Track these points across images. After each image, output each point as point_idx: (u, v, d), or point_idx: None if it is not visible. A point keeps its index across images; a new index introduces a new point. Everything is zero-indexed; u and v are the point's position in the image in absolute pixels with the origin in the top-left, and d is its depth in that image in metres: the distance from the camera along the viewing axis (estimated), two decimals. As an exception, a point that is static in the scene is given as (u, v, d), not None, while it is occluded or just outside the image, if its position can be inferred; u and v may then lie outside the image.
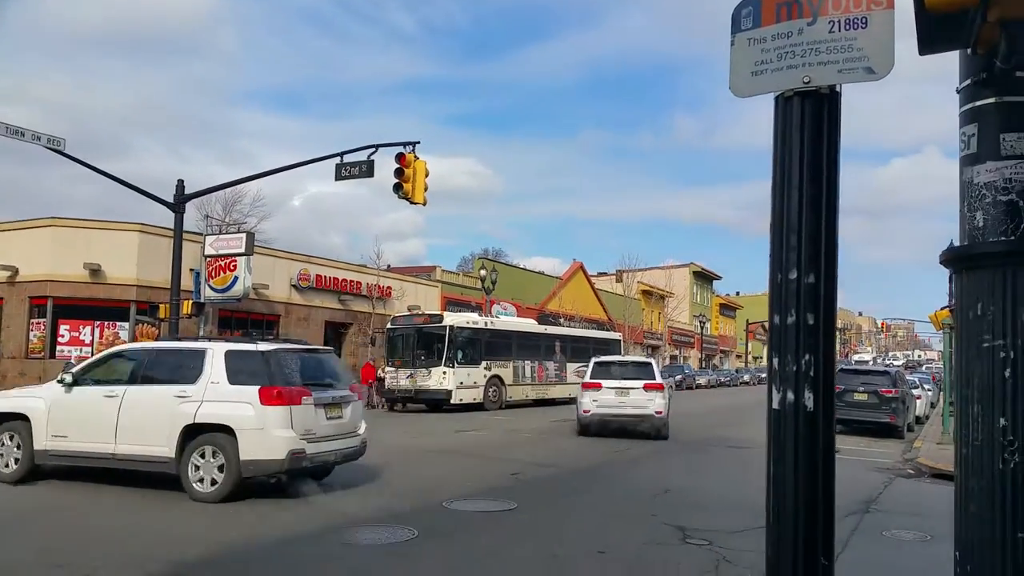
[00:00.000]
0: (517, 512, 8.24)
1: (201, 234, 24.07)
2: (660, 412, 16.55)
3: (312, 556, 6.33)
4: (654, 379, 17.10)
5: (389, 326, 26.02)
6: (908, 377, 25.09)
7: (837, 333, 2.32)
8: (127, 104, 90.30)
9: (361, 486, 9.98)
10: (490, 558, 6.52)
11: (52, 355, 23.66)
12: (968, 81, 2.26)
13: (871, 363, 54.89)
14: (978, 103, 2.22)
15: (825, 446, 2.24)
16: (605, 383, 17.11)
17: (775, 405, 2.28)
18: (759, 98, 2.47)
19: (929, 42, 2.27)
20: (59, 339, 23.90)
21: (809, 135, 2.28)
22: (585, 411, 17.09)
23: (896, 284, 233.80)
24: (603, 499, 9.39)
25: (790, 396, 2.23)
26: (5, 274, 24.19)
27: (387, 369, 25.02)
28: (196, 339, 11.75)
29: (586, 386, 17.47)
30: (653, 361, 19.39)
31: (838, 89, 2.31)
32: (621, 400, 16.76)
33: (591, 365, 18.18)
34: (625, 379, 17.12)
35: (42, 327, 23.87)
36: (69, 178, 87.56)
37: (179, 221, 21.23)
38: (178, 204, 21.28)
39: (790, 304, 2.25)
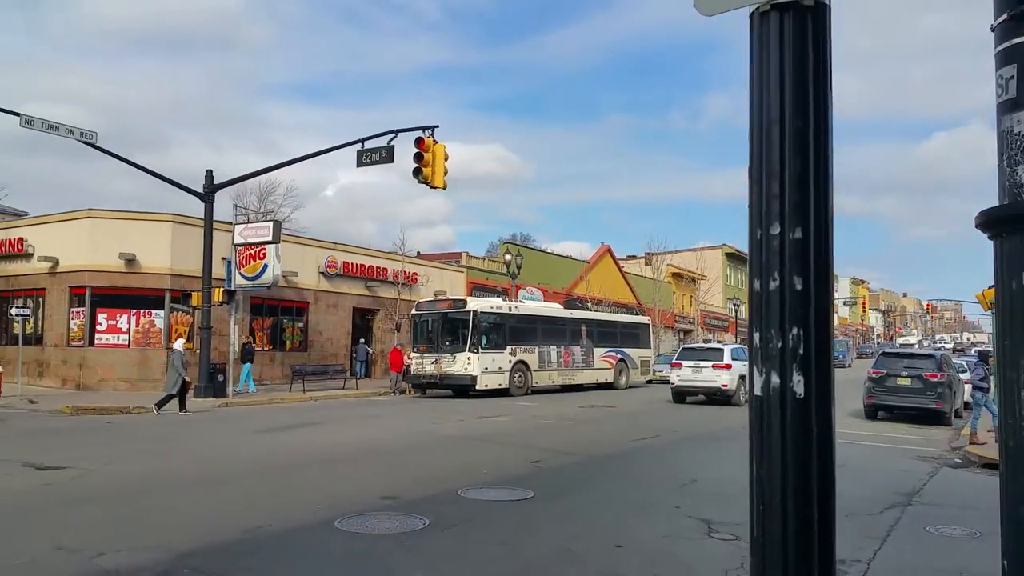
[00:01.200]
0: (534, 502, 8.18)
1: (232, 223, 24.37)
2: (726, 386, 22.12)
3: (317, 545, 6.32)
4: (722, 360, 22.43)
5: (414, 311, 26.11)
6: (955, 361, 24.33)
7: (835, 302, 1.96)
8: (164, 99, 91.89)
9: (378, 471, 10.06)
10: (500, 551, 6.40)
11: (91, 343, 24.26)
12: (1004, 16, 1.90)
13: (916, 346, 53.45)
14: (1017, 40, 1.86)
15: (820, 441, 1.83)
16: (685, 363, 23.10)
17: (757, 391, 1.88)
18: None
19: None
20: (97, 327, 24.47)
21: (792, 56, 1.89)
22: (672, 383, 23.44)
23: (943, 264, 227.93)
24: (626, 489, 9.28)
25: (775, 379, 1.84)
26: (46, 265, 24.83)
27: (412, 355, 25.16)
28: None
29: (673, 365, 24.04)
30: (725, 347, 24.05)
31: (826, 0, 1.94)
32: (695, 375, 22.59)
33: (679, 349, 24.79)
34: (700, 360, 22.83)
35: (81, 316, 24.45)
36: (108, 173, 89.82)
37: (209, 211, 21.57)
38: (207, 194, 21.61)
39: (772, 265, 1.86)
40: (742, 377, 21.92)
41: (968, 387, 23.58)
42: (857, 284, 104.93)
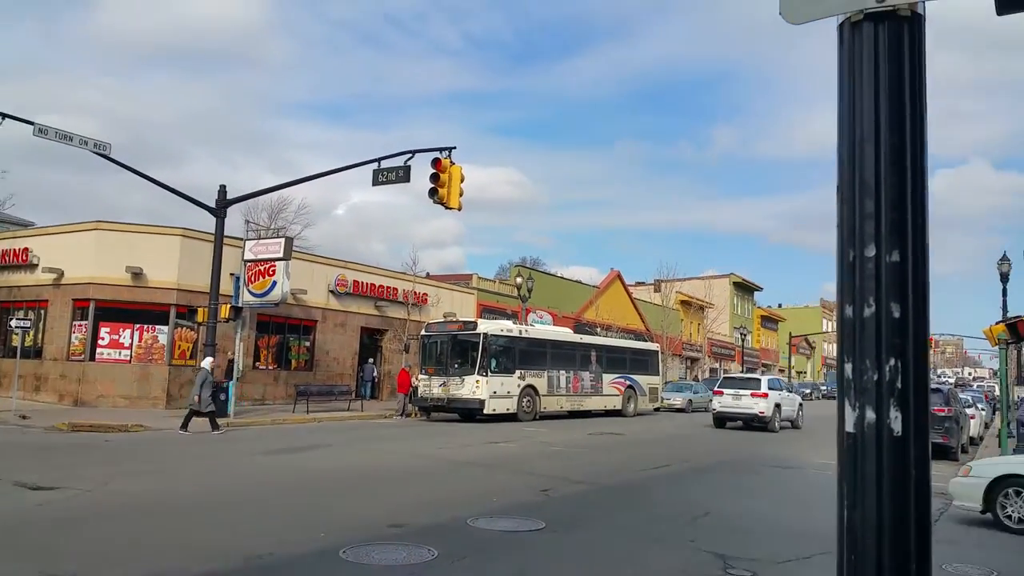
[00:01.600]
0: (544, 532, 7.86)
1: (242, 239, 24.26)
2: (763, 412, 24.27)
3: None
4: (759, 389, 24.80)
5: (423, 333, 25.83)
6: (961, 396, 24.01)
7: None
8: (180, 114, 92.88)
9: (384, 497, 9.74)
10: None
11: (92, 357, 24.00)
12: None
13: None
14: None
15: (918, 484, 1.69)
16: (726, 391, 25.30)
17: (849, 427, 1.73)
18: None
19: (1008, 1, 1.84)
20: (99, 342, 24.22)
21: (888, 69, 1.78)
22: (713, 409, 25.80)
23: (944, 299, 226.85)
24: (638, 521, 8.95)
25: (870, 415, 1.70)
26: (51, 276, 24.69)
27: (420, 377, 24.84)
28: None
29: (715, 392, 26.57)
30: (763, 377, 27.11)
31: (921, 10, 1.84)
32: (735, 403, 24.73)
33: (721, 379, 28.04)
34: (740, 388, 25.14)
35: (84, 329, 24.23)
36: (120, 186, 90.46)
37: (220, 226, 21.45)
38: (219, 209, 21.50)
39: (868, 291, 1.73)
40: (777, 405, 24.90)
41: (973, 422, 23.50)
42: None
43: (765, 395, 24.44)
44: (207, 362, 18.78)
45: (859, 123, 1.81)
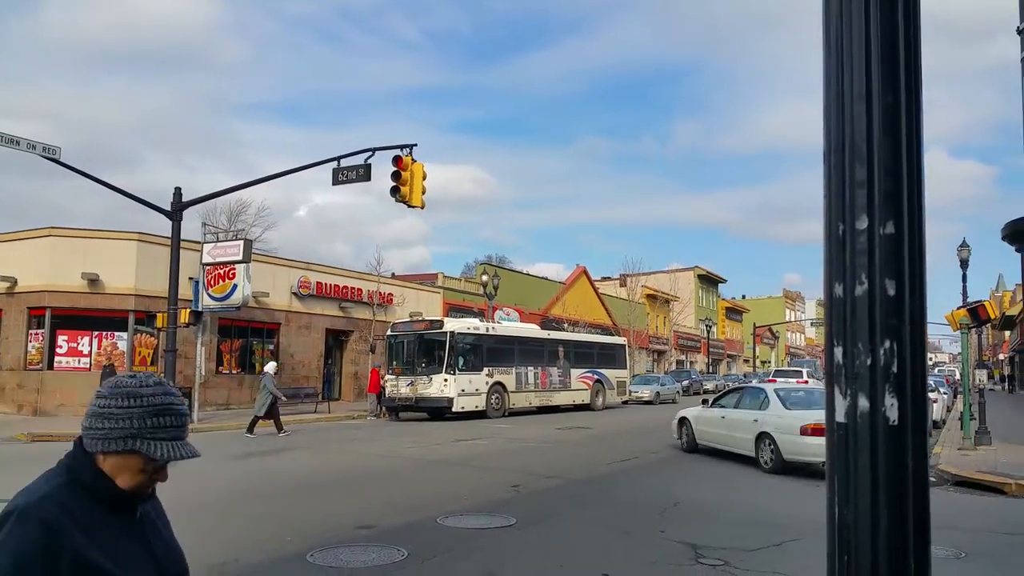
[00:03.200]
0: (516, 528, 7.81)
1: (200, 243, 23.73)
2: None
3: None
4: (802, 377, 29.37)
5: (389, 333, 25.62)
6: None
7: (803, 323, 1.65)
8: (134, 117, 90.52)
9: (352, 499, 9.60)
10: (486, 582, 6.04)
11: (50, 366, 23.34)
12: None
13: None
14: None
15: (916, 478, 1.53)
16: (778, 379, 28.52)
17: (840, 417, 1.57)
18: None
19: None
20: (57, 350, 23.57)
21: (880, 19, 1.59)
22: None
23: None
24: (608, 513, 8.95)
25: (863, 403, 1.54)
26: (3, 285, 23.88)
27: (387, 377, 24.61)
28: None
29: (769, 380, 29.37)
30: (804, 368, 33.38)
31: None
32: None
33: (772, 371, 37.82)
34: (789, 378, 29.13)
35: (40, 338, 23.54)
36: (74, 191, 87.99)
37: (176, 229, 20.93)
38: (175, 212, 20.98)
39: (860, 267, 1.56)
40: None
41: (936, 406, 24.13)
42: (823, 306, 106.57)
43: (806, 382, 28.26)
44: (271, 367, 19.62)
45: (848, 81, 1.62)
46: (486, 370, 24.53)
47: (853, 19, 1.61)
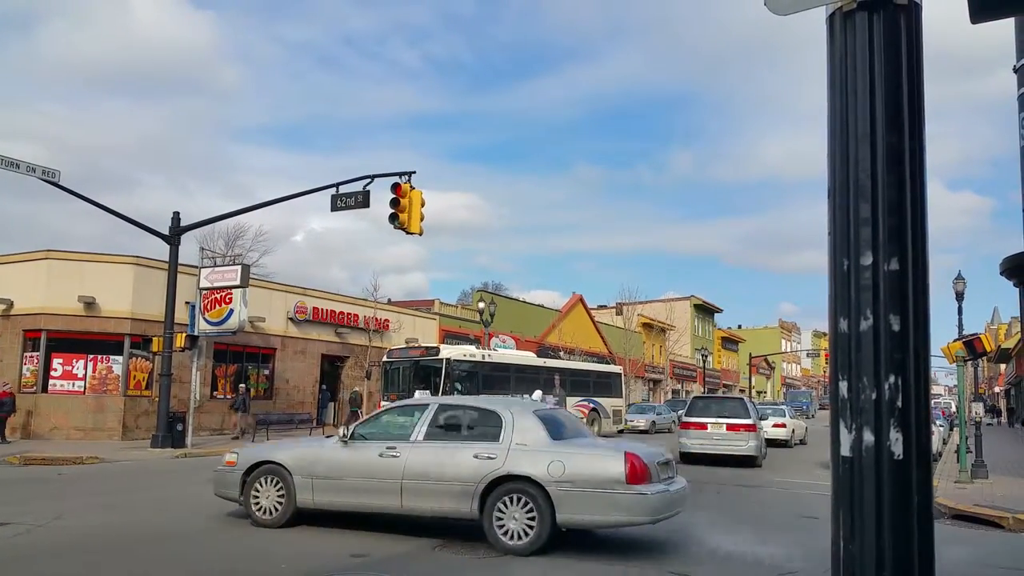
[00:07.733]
0: (511, 560, 7.78)
1: (197, 267, 23.79)
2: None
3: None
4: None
5: (385, 359, 25.59)
6: None
7: (798, 353, 1.64)
8: (133, 141, 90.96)
9: (346, 526, 9.53)
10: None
11: (44, 389, 23.26)
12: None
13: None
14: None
15: (921, 511, 1.54)
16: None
17: (845, 451, 1.59)
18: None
19: (984, 7, 1.76)
20: (52, 373, 23.51)
21: (884, 62, 1.62)
22: None
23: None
24: (603, 546, 8.91)
25: (868, 437, 1.54)
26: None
27: (383, 404, 24.50)
28: None
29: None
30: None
31: None
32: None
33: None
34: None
35: (35, 361, 23.49)
36: (70, 215, 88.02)
37: (174, 253, 21.02)
38: (173, 236, 21.08)
39: (864, 302, 1.57)
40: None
41: (933, 439, 24.08)
42: (820, 337, 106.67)
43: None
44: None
45: (853, 121, 1.65)
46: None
47: (858, 61, 1.66)
